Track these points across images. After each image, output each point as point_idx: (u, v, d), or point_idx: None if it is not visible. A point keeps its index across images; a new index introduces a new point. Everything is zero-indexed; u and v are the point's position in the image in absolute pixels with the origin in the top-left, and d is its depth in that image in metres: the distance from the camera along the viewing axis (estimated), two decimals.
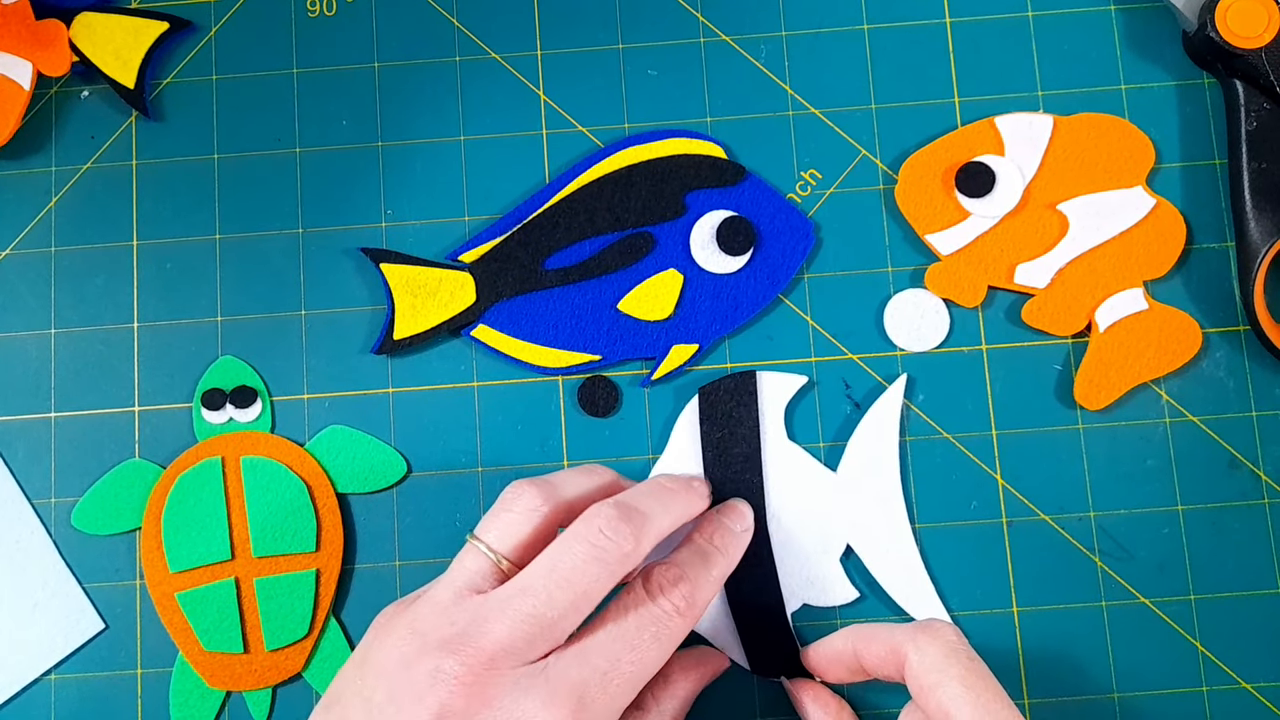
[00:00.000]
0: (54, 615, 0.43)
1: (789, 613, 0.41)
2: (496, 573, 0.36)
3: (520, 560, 0.36)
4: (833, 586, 0.42)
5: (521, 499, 0.37)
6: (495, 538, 0.37)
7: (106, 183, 0.45)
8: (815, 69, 0.45)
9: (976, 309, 0.44)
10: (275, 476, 0.43)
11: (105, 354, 0.44)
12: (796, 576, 0.42)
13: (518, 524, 0.37)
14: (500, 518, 0.37)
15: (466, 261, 0.44)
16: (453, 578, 0.36)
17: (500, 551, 0.36)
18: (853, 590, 0.42)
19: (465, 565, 0.36)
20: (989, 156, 0.44)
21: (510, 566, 0.36)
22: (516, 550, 0.37)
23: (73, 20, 0.45)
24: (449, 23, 0.46)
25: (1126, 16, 0.45)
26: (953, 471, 0.43)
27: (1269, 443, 0.43)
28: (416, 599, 0.36)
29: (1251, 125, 0.42)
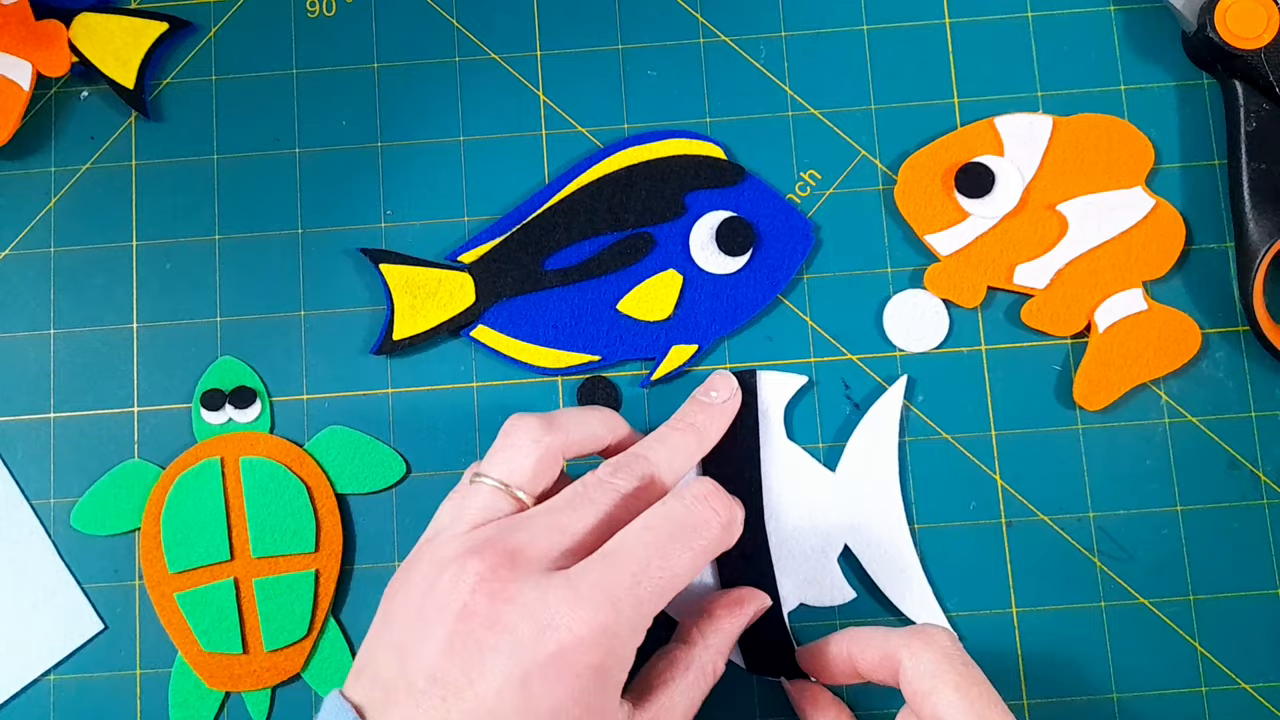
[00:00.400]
0: (53, 616, 0.43)
1: (786, 612, 0.41)
2: (513, 503, 0.36)
3: (530, 492, 0.36)
4: (830, 587, 0.42)
5: (521, 430, 0.37)
6: (502, 470, 0.36)
7: (106, 183, 0.45)
8: (815, 70, 0.45)
9: (976, 309, 0.44)
10: (275, 477, 0.43)
11: (105, 354, 0.44)
12: (794, 576, 0.42)
13: (522, 455, 0.36)
14: (503, 452, 0.37)
15: (466, 262, 0.44)
16: (468, 514, 0.36)
17: (511, 483, 0.36)
18: (850, 591, 0.42)
19: (478, 501, 0.36)
20: (988, 157, 0.44)
21: (526, 496, 0.36)
22: (526, 481, 0.36)
23: (72, 20, 0.45)
24: (449, 23, 0.46)
25: (1126, 17, 0.45)
26: (952, 472, 0.43)
27: (1268, 443, 0.43)
28: (429, 542, 0.36)
29: (1251, 126, 0.42)
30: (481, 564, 0.33)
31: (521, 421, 0.37)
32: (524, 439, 0.37)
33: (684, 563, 0.34)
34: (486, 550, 0.33)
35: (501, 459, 0.37)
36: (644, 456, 0.37)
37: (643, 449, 0.38)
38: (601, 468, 0.37)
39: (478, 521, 0.35)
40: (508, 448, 0.37)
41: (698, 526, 0.35)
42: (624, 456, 0.37)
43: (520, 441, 0.37)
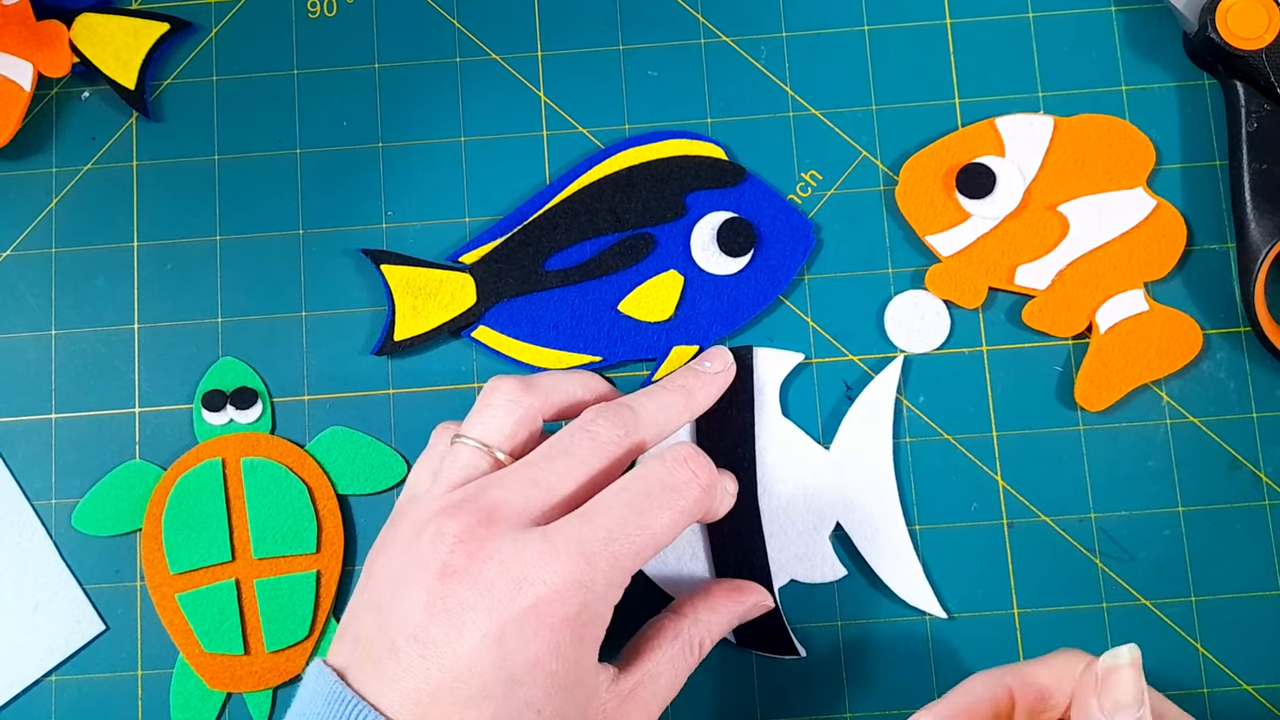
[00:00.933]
0: (54, 617, 0.43)
1: (776, 587, 0.41)
2: (491, 463, 0.36)
3: (509, 452, 0.36)
4: (821, 563, 0.42)
5: (500, 391, 0.37)
6: (481, 431, 0.37)
7: (107, 183, 0.45)
8: (816, 70, 0.45)
9: (977, 310, 0.44)
10: (276, 478, 0.43)
11: (106, 355, 0.44)
12: (785, 552, 0.42)
13: (501, 415, 0.37)
14: (482, 413, 0.37)
15: (467, 263, 0.44)
16: (447, 475, 0.36)
17: (490, 444, 0.36)
18: (841, 568, 0.42)
19: (458, 462, 0.36)
20: (990, 158, 0.43)
21: (505, 456, 0.36)
22: (505, 441, 0.36)
23: (73, 21, 0.45)
24: (449, 24, 0.46)
25: (1127, 17, 0.45)
26: (953, 473, 0.43)
27: (1270, 444, 0.43)
28: (408, 504, 0.36)
29: (1252, 126, 0.42)
30: (459, 524, 0.33)
31: (500, 383, 0.37)
32: (502, 399, 0.37)
33: (662, 523, 0.35)
34: (464, 509, 0.34)
35: (480, 420, 0.37)
36: (627, 405, 0.37)
37: (627, 399, 0.38)
38: (584, 414, 0.37)
39: (456, 482, 0.36)
40: (486, 408, 0.37)
41: (677, 487, 0.35)
42: (607, 404, 0.37)
43: (498, 402, 0.37)
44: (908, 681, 0.42)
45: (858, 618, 0.42)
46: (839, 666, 0.42)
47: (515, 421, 0.37)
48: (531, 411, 0.37)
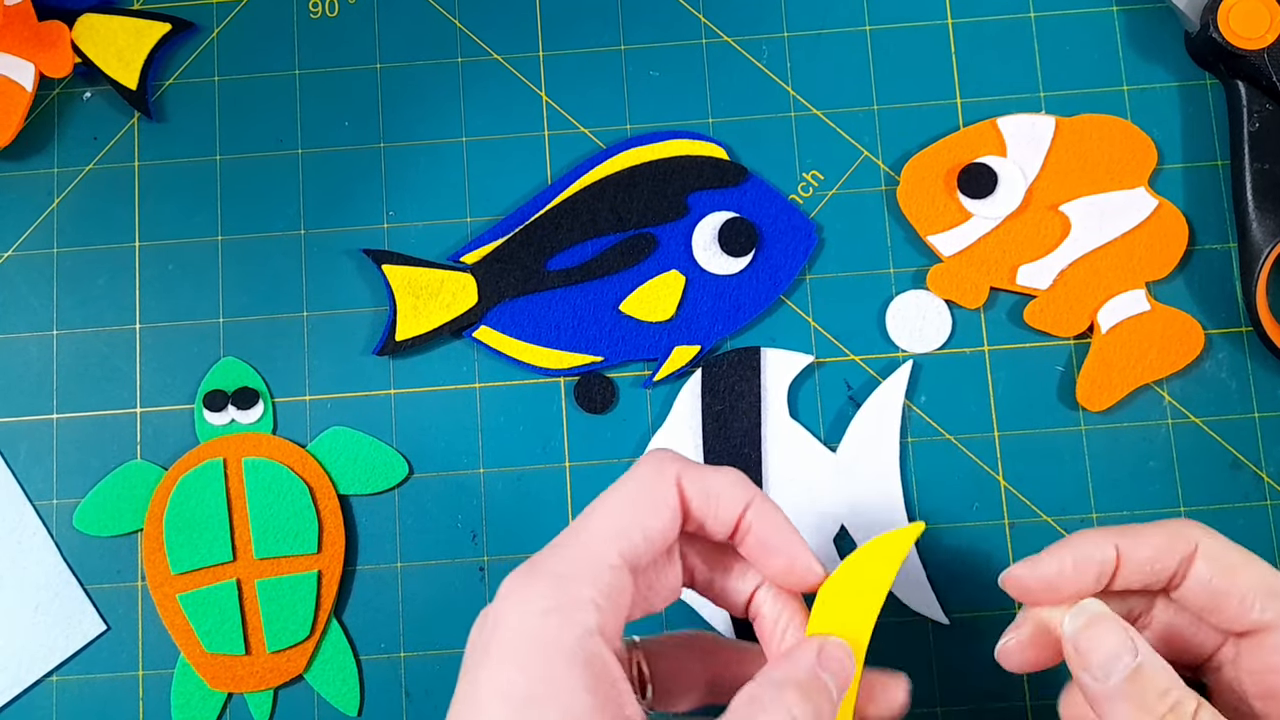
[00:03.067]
0: (55, 617, 0.43)
1: None
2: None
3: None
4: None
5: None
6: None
7: (109, 184, 0.45)
8: (817, 70, 0.45)
9: (978, 310, 0.44)
10: (277, 478, 0.43)
11: (107, 355, 0.44)
12: None
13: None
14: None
15: (468, 263, 0.44)
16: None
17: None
18: None
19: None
20: (991, 157, 0.43)
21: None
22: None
23: (75, 21, 0.45)
24: (451, 24, 0.46)
25: (1128, 17, 0.45)
26: (955, 473, 0.43)
27: (1271, 444, 0.42)
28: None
29: (1254, 126, 0.42)
30: None
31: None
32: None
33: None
34: None
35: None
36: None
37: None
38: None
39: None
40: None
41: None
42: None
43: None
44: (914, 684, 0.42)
45: None
46: None
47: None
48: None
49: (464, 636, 0.42)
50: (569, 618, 0.29)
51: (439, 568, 0.43)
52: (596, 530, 0.31)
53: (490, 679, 0.29)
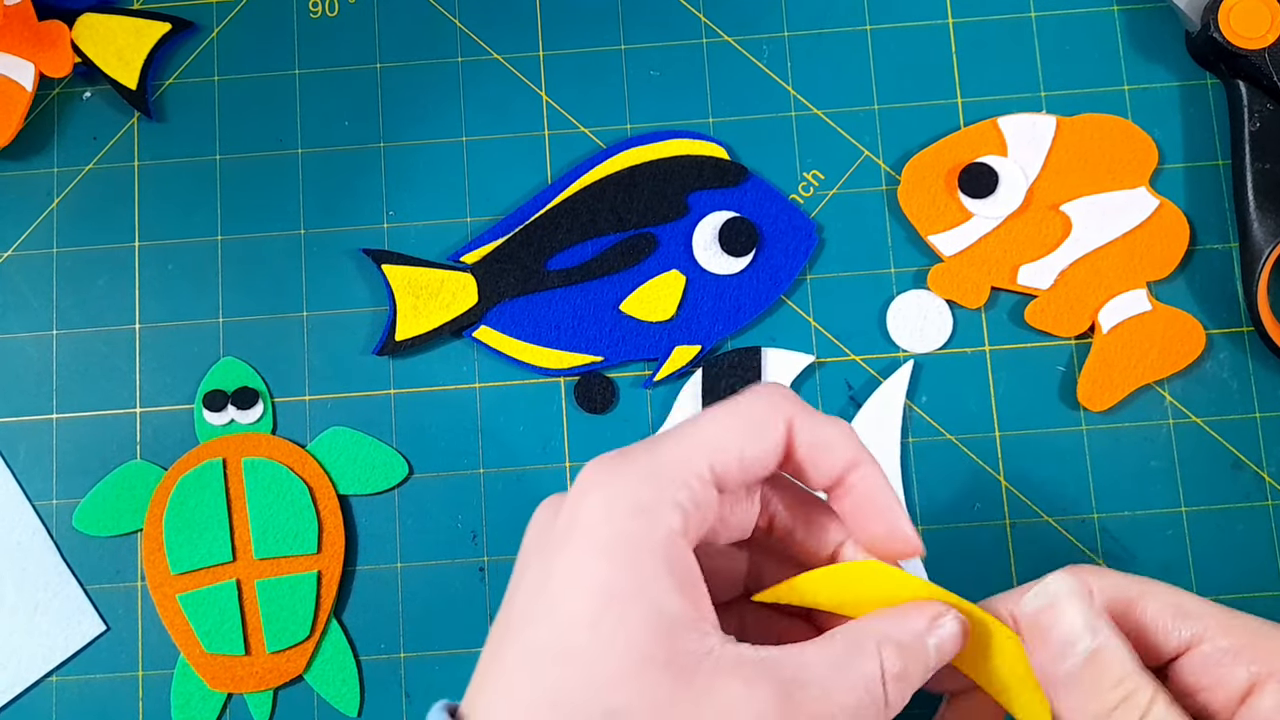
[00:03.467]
0: (55, 617, 0.43)
1: None
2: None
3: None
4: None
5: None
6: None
7: (108, 184, 0.45)
8: (817, 70, 0.45)
9: (979, 310, 0.43)
10: (277, 478, 0.43)
11: (107, 355, 0.44)
12: None
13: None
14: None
15: (468, 262, 0.44)
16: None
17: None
18: None
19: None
20: (992, 157, 0.43)
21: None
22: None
23: (75, 21, 0.45)
24: (451, 23, 0.46)
25: (1129, 17, 0.45)
26: (955, 473, 0.43)
27: (1272, 444, 0.42)
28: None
29: (1255, 126, 0.42)
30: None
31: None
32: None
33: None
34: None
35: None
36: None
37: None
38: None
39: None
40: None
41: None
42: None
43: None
44: None
45: None
46: None
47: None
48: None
49: (464, 637, 0.42)
50: (659, 517, 0.27)
51: (439, 568, 0.43)
52: (693, 439, 0.29)
53: (570, 568, 0.27)
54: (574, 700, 0.26)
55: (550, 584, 0.27)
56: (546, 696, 0.26)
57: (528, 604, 0.28)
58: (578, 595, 0.27)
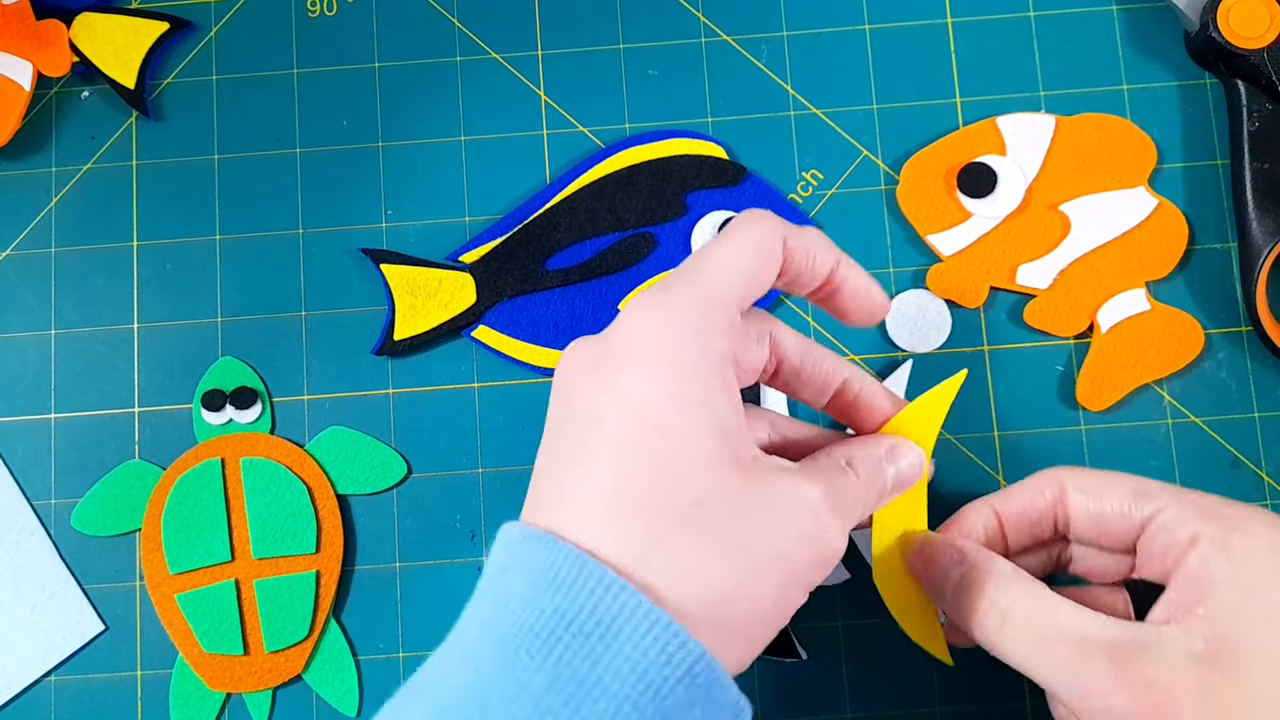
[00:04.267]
0: (54, 617, 0.43)
1: None
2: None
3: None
4: None
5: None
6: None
7: (107, 183, 0.45)
8: (816, 69, 0.45)
9: (978, 310, 0.44)
10: (275, 478, 0.43)
11: (105, 355, 0.44)
12: None
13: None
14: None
15: (467, 262, 0.44)
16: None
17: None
18: (844, 571, 0.42)
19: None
20: (991, 157, 0.43)
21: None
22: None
23: (73, 20, 0.45)
24: (449, 23, 0.46)
25: (1128, 16, 0.45)
26: (954, 472, 0.43)
27: (1271, 443, 0.42)
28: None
29: (1254, 125, 0.42)
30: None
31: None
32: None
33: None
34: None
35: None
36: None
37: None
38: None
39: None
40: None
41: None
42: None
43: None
44: (908, 684, 0.42)
45: (859, 621, 0.42)
46: (840, 669, 0.42)
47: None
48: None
49: None
50: (713, 340, 0.30)
51: (438, 567, 0.43)
52: (720, 271, 0.32)
53: (635, 378, 0.30)
54: (663, 495, 0.29)
55: (616, 393, 0.30)
56: (637, 493, 0.29)
57: (590, 417, 0.30)
58: (652, 404, 0.29)
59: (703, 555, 0.29)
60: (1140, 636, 0.31)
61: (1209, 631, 0.30)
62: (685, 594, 0.28)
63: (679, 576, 0.28)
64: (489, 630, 0.28)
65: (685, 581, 0.28)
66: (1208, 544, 0.31)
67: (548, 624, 0.28)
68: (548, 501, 0.31)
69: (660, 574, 0.28)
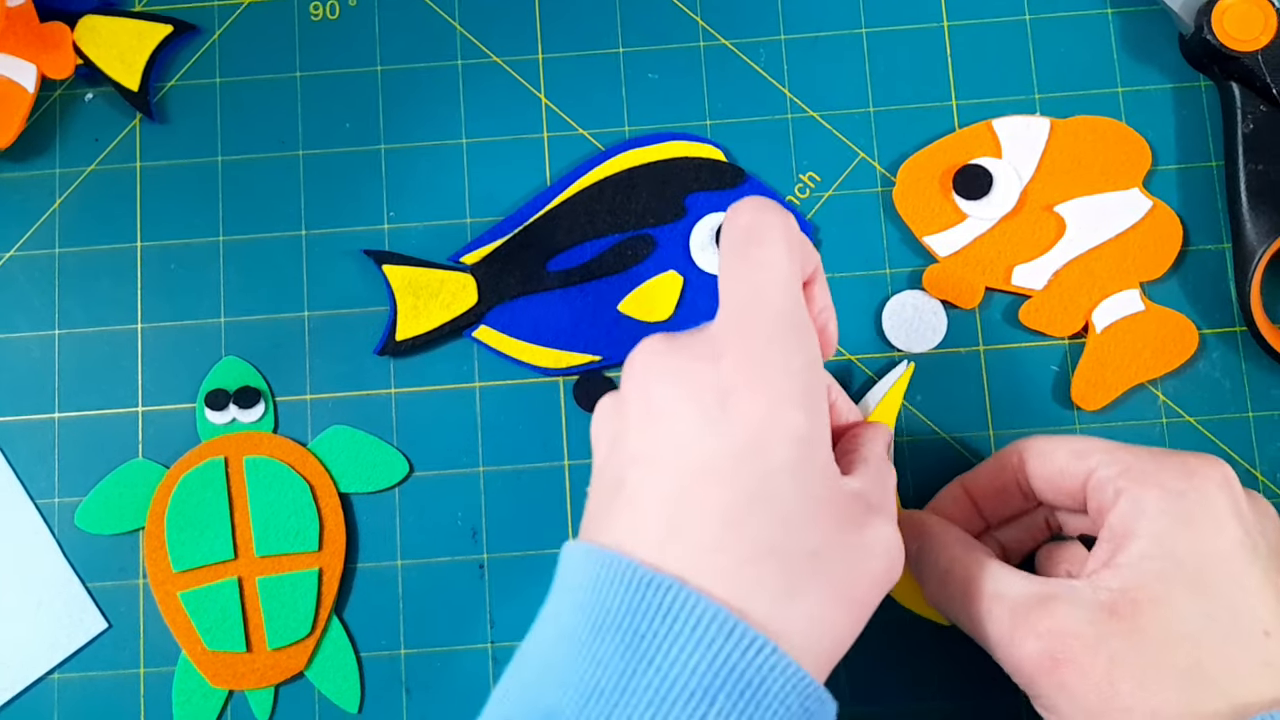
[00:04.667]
0: (57, 615, 0.43)
1: None
2: None
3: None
4: None
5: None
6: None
7: (111, 185, 0.45)
8: (814, 72, 0.45)
9: (974, 310, 0.44)
10: (278, 476, 0.43)
11: (109, 355, 0.44)
12: None
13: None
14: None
15: (469, 263, 0.44)
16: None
17: None
18: None
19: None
20: (986, 159, 0.44)
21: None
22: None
23: (77, 23, 0.45)
24: (451, 26, 0.46)
25: (1123, 19, 0.45)
26: (950, 472, 0.43)
27: (1265, 443, 0.43)
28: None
29: (1248, 128, 0.43)
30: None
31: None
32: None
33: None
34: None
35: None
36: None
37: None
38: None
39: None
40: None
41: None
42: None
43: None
44: (908, 684, 0.42)
45: None
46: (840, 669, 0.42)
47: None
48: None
49: (464, 634, 0.42)
50: (813, 353, 0.31)
51: (439, 565, 0.43)
52: (785, 285, 0.32)
53: (762, 418, 0.29)
54: (784, 544, 0.29)
55: (730, 424, 0.29)
56: (758, 541, 0.28)
57: (690, 441, 0.29)
58: (772, 438, 0.29)
59: (826, 608, 0.29)
60: (1047, 590, 0.32)
61: (1115, 584, 0.31)
62: (814, 648, 0.29)
63: (810, 631, 0.29)
64: (629, 685, 0.27)
65: (815, 636, 0.29)
66: (1125, 500, 0.33)
67: (701, 684, 0.27)
68: (648, 531, 0.29)
69: (793, 630, 0.28)
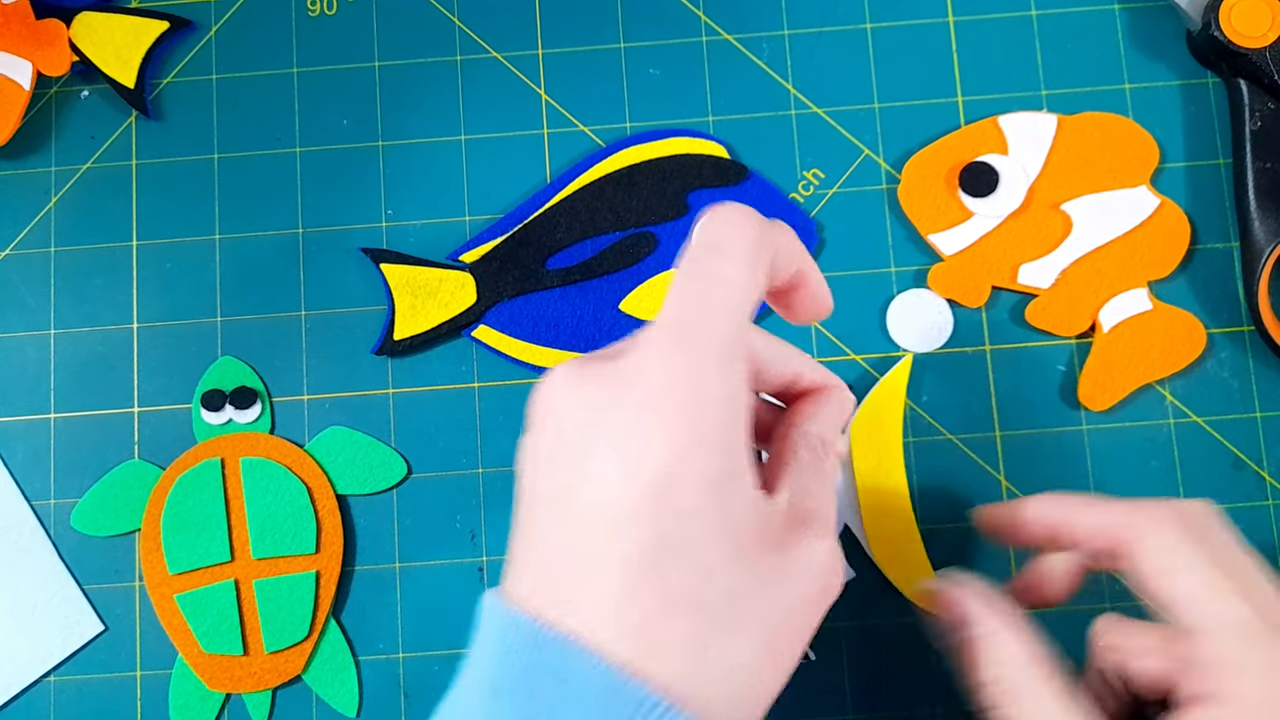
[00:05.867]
0: (53, 617, 0.43)
1: None
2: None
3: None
4: None
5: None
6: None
7: (106, 182, 0.45)
8: (818, 68, 0.45)
9: (980, 309, 0.43)
10: (275, 478, 0.43)
11: (105, 355, 0.44)
12: None
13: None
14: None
15: (467, 262, 0.44)
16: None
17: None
18: (849, 569, 0.42)
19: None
20: (992, 156, 0.43)
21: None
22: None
23: (73, 20, 0.45)
24: (450, 22, 0.46)
25: (1130, 15, 0.45)
26: (956, 473, 0.43)
27: (1273, 444, 0.42)
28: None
29: (1256, 125, 0.42)
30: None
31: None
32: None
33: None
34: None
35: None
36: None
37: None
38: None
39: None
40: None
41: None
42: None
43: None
44: (913, 684, 0.42)
45: (864, 619, 0.42)
46: (842, 668, 0.42)
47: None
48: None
49: (463, 637, 0.42)
50: (734, 381, 0.28)
51: (438, 568, 0.43)
52: (724, 306, 0.29)
53: (648, 439, 0.27)
54: (693, 592, 0.26)
55: (630, 465, 0.26)
56: (665, 591, 0.26)
57: (594, 487, 0.27)
58: (675, 480, 0.26)
59: (748, 654, 0.27)
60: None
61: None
62: (735, 699, 0.26)
63: (729, 682, 0.26)
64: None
65: (736, 687, 0.27)
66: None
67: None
68: (554, 582, 0.27)
69: (709, 685, 0.26)
